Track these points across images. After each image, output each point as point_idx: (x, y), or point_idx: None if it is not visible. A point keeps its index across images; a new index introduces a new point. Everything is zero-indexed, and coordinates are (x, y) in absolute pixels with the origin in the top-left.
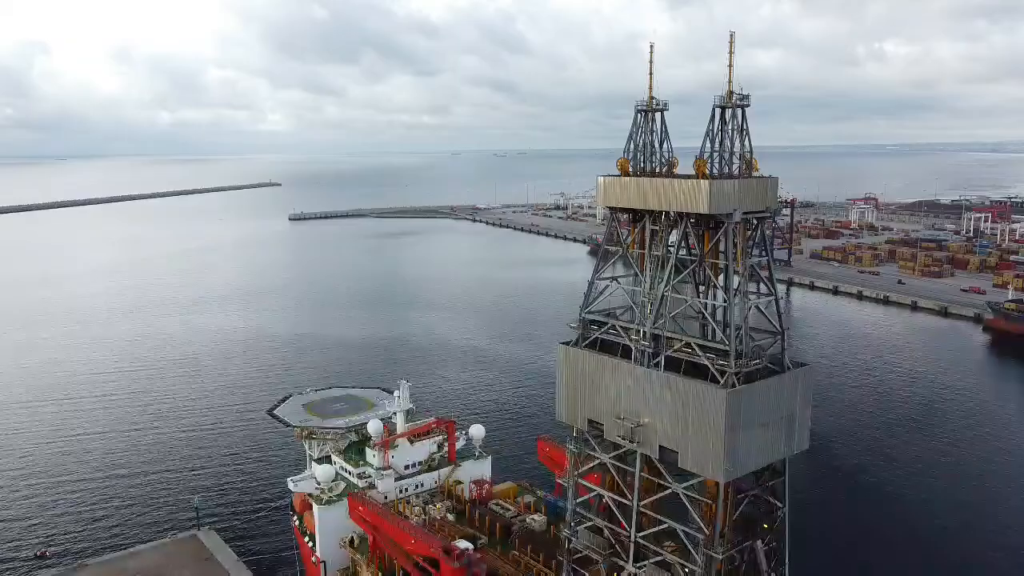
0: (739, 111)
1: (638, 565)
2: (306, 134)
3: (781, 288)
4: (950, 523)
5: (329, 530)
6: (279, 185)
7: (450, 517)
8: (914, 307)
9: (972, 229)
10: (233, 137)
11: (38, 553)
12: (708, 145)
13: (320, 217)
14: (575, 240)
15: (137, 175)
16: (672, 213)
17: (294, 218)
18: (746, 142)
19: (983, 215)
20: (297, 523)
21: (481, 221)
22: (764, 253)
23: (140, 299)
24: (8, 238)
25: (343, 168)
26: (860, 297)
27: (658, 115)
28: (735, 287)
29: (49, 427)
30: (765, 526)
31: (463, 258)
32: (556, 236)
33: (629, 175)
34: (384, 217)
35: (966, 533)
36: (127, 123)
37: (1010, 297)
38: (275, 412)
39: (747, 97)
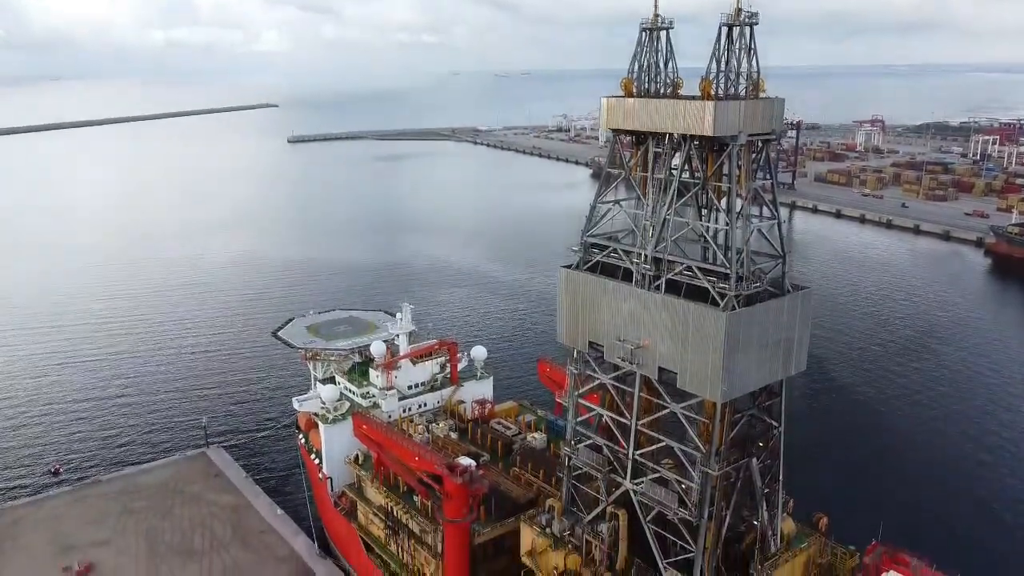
0: (747, 29)
1: (636, 481)
2: (302, 55)
3: (784, 211)
4: (944, 444)
5: (334, 448)
6: (276, 107)
7: (453, 435)
8: (916, 231)
9: (979, 152)
10: (227, 61)
11: (51, 470)
12: (714, 65)
13: (319, 139)
14: (577, 163)
15: (131, 96)
16: (676, 136)
17: (293, 140)
18: (754, 62)
19: (991, 138)
20: (303, 441)
21: (482, 144)
22: (768, 176)
23: (141, 224)
24: (2, 163)
25: (341, 89)
26: (863, 221)
27: (663, 34)
28: (738, 210)
29: (58, 351)
30: (761, 444)
31: (464, 181)
32: (558, 159)
33: (633, 96)
34: (384, 139)
35: (960, 454)
36: (119, 44)
37: (1014, 221)
38: (279, 334)
39: (756, 15)
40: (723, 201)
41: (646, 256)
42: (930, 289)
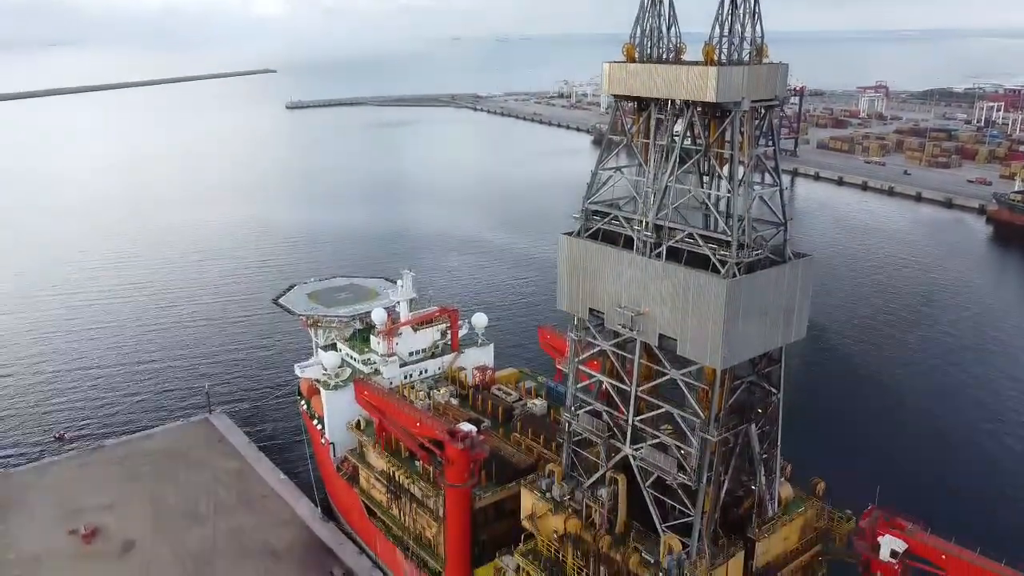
0: None
1: (635, 447)
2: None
3: (786, 179)
4: (943, 410)
5: (336, 414)
6: (274, 72)
7: (454, 402)
8: (918, 198)
9: (983, 119)
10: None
11: (57, 435)
12: (717, 30)
13: (318, 105)
14: (578, 130)
15: (128, 63)
16: (678, 102)
17: (291, 106)
18: (758, 27)
19: (996, 104)
20: (305, 407)
21: (482, 110)
22: (770, 143)
23: (140, 191)
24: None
25: (339, 54)
26: (864, 188)
27: None
28: (740, 178)
29: (60, 318)
30: (760, 411)
31: (464, 148)
32: (559, 125)
33: (635, 61)
34: (383, 106)
35: (959, 420)
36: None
37: (1016, 188)
38: (280, 301)
39: None
40: (725, 168)
41: (647, 223)
42: (931, 257)
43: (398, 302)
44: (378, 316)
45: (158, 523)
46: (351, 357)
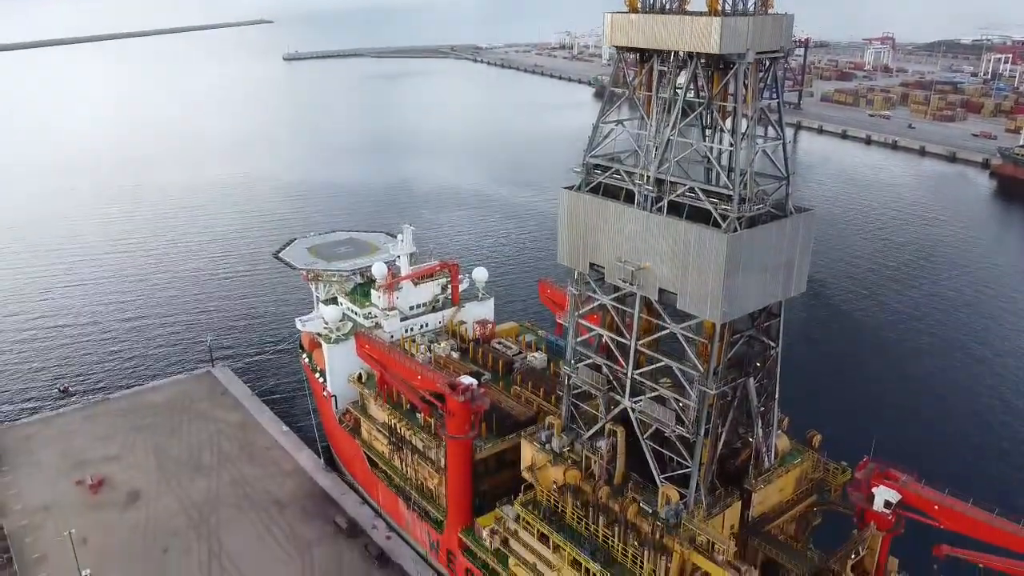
0: None
1: (634, 400)
2: None
3: (789, 132)
4: (940, 366)
5: (338, 367)
6: (271, 23)
7: (454, 355)
8: (922, 152)
9: (990, 71)
10: None
11: (61, 388)
12: None
13: (315, 57)
14: (580, 82)
15: (119, 12)
16: (681, 53)
17: (288, 58)
18: None
19: (1004, 56)
20: (307, 360)
21: (483, 62)
22: (774, 96)
23: (138, 146)
24: None
25: (338, 5)
26: (868, 142)
27: None
28: (743, 131)
29: (61, 273)
30: (758, 364)
31: (465, 101)
32: (560, 77)
33: (637, 12)
34: (383, 57)
35: (956, 376)
36: None
37: (1022, 142)
38: (280, 255)
39: None
40: (728, 122)
41: (648, 177)
42: (932, 212)
43: (398, 256)
44: (379, 270)
45: (163, 474)
46: (352, 311)
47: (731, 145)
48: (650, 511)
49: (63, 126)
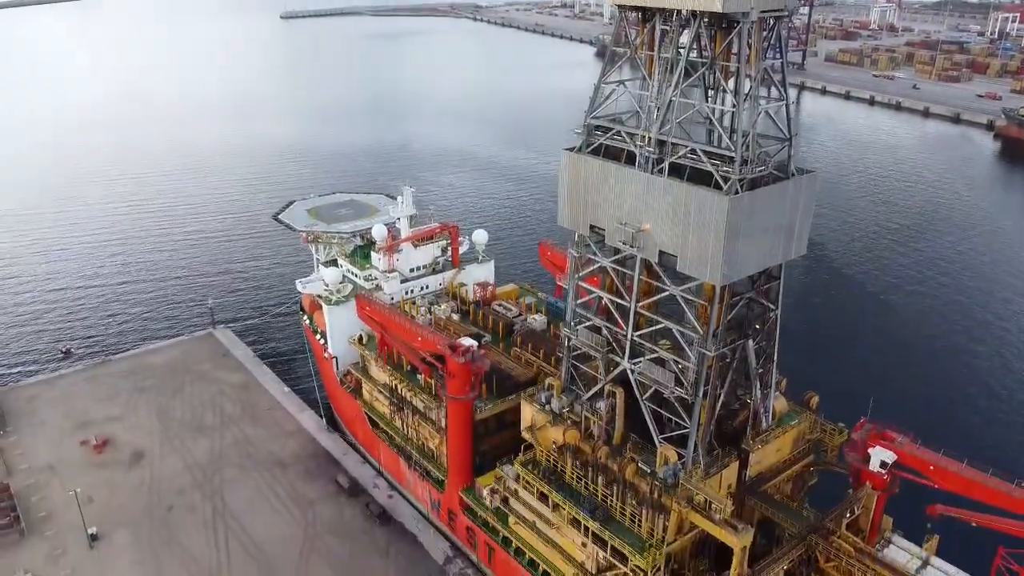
0: None
1: (634, 361)
2: None
3: (792, 93)
4: (940, 329)
5: (339, 329)
6: None
7: (454, 317)
8: (926, 113)
9: (997, 31)
10: None
11: (63, 350)
12: None
13: (313, 15)
14: (581, 41)
15: None
16: (684, 12)
17: (286, 16)
18: None
19: (1011, 15)
20: (308, 322)
21: (483, 20)
22: (778, 55)
23: (134, 108)
24: None
25: None
26: (872, 103)
27: None
28: (746, 92)
29: (61, 235)
30: (757, 326)
31: (464, 61)
32: (562, 36)
33: None
34: (380, 15)
35: (955, 339)
36: None
37: None
38: (280, 217)
39: None
40: (731, 82)
41: (650, 139)
42: (935, 174)
43: (398, 218)
44: (379, 232)
45: (166, 434)
46: (352, 273)
47: (734, 106)
48: (648, 471)
49: (57, 88)
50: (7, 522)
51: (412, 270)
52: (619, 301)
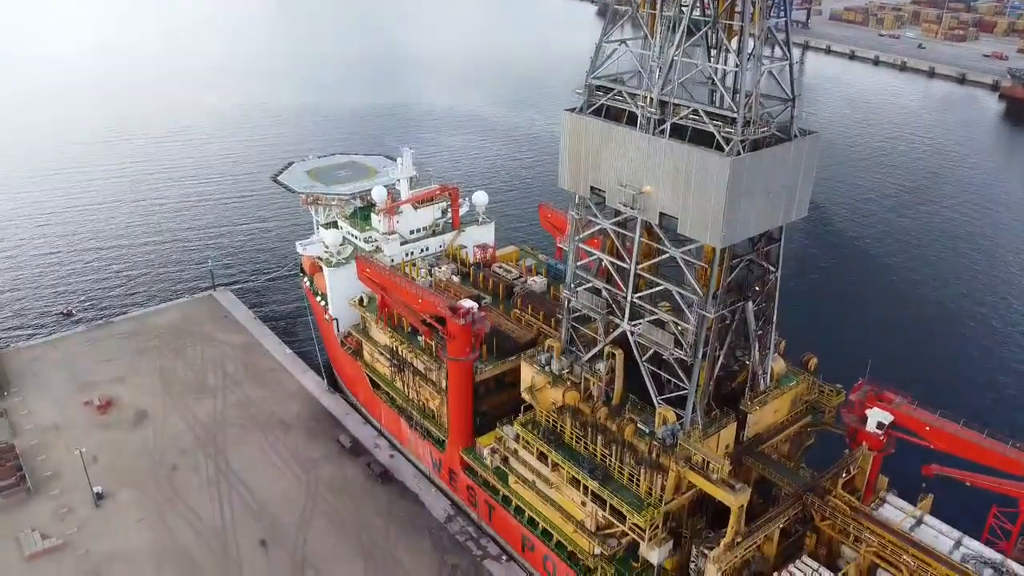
0: None
1: (633, 323)
2: None
3: (796, 52)
4: (940, 292)
5: (339, 290)
6: None
7: (455, 279)
8: (931, 74)
9: None
10: None
11: (64, 311)
12: None
13: None
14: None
15: None
16: None
17: None
18: None
19: None
20: (308, 284)
21: None
22: (782, 14)
23: (127, 70)
24: None
25: None
26: (876, 63)
27: None
28: (749, 51)
29: (61, 197)
30: (757, 288)
31: (462, 20)
32: None
33: None
34: None
35: (956, 303)
36: None
37: None
38: (279, 178)
39: None
40: (734, 41)
41: (651, 99)
42: (938, 135)
43: (398, 180)
44: (379, 194)
45: (168, 395)
46: (352, 235)
47: (736, 66)
48: (647, 431)
49: (47, 53)
50: (13, 481)
51: (412, 232)
52: (619, 263)
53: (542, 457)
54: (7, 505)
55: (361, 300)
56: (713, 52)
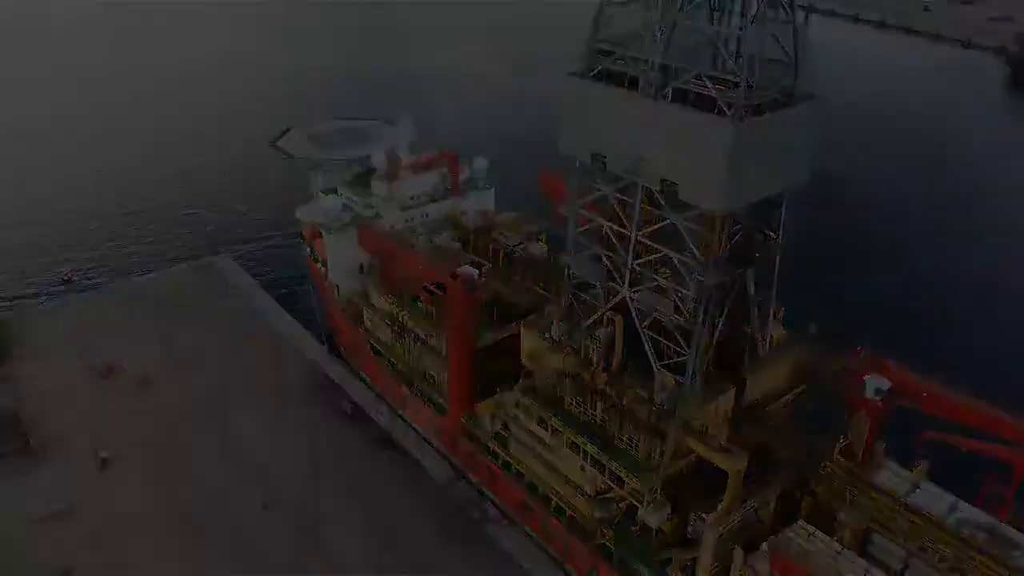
0: None
1: (634, 290)
2: None
3: (800, 15)
4: (941, 261)
5: (340, 257)
6: None
7: (455, 245)
8: (936, 37)
9: None
10: None
11: (64, 277)
12: None
13: None
14: None
15: None
16: None
17: None
18: None
19: None
20: (308, 250)
21: None
22: None
23: (121, 39)
24: None
25: None
26: (881, 26)
27: None
28: (753, 13)
29: (58, 163)
30: (758, 255)
31: None
32: None
33: None
34: None
35: (955, 270)
36: None
37: None
38: (278, 144)
39: None
40: (737, 3)
41: (653, 63)
42: (940, 101)
43: (398, 145)
44: (378, 160)
45: (170, 361)
46: (352, 201)
47: (740, 29)
48: (646, 396)
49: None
50: (18, 447)
51: (412, 198)
52: (620, 229)
53: (542, 422)
54: (12, 471)
55: (362, 267)
56: (716, 14)
